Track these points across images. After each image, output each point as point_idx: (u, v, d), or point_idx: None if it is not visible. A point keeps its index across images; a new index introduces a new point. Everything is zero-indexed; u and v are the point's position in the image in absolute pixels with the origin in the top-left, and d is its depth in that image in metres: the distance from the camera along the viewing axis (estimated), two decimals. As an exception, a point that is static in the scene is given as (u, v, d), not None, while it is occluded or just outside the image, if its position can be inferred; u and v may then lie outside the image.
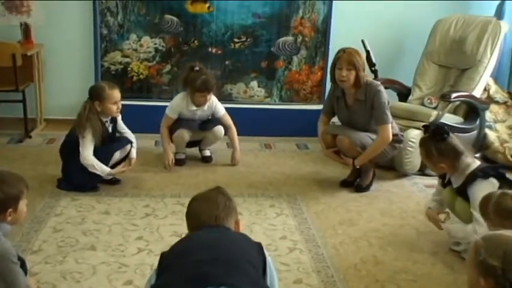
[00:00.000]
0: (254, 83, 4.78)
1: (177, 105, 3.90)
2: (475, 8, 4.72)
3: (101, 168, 3.37)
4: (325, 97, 4.72)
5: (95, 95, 3.37)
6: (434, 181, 3.79)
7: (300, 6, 4.67)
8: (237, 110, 4.56)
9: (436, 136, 2.73)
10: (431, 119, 3.92)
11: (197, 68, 3.85)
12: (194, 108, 3.89)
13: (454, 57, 4.36)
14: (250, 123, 4.61)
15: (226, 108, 4.04)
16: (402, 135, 3.71)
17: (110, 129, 3.47)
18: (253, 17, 4.65)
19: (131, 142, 3.55)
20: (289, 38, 4.72)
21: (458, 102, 4.14)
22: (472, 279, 1.59)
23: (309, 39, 4.74)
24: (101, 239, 2.83)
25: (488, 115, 4.28)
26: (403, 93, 4.52)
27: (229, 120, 4.02)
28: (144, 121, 4.21)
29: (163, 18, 4.57)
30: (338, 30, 4.67)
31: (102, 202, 3.28)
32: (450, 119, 4.01)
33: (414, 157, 3.88)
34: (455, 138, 2.76)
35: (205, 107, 3.92)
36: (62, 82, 4.67)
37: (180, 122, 3.90)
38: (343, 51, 3.48)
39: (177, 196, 3.39)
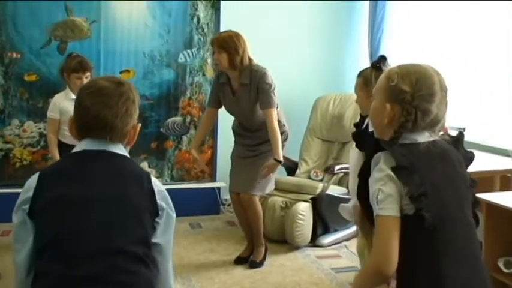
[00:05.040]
0: (145, 164, 4.75)
1: (55, 101, 3.66)
2: (349, 87, 5.08)
3: None
4: (216, 161, 4.82)
5: None
6: (326, 251, 3.95)
7: (188, 88, 4.79)
8: (128, 192, 4.49)
9: (379, 63, 2.81)
10: (318, 191, 4.09)
11: (75, 54, 3.72)
12: (73, 97, 3.57)
13: (334, 131, 4.64)
14: (142, 205, 4.53)
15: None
16: (285, 126, 3.72)
17: None
18: (141, 99, 4.67)
19: None
20: (178, 118, 4.80)
21: (341, 174, 4.37)
22: (377, 104, 1.62)
23: (197, 119, 4.83)
24: None
25: (369, 185, 4.53)
26: (291, 168, 4.69)
27: None
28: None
29: (48, 102, 4.47)
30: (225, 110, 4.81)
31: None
32: (335, 190, 4.20)
33: (305, 229, 3.99)
34: None
35: None
36: None
37: None
38: (218, 34, 3.57)
39: None
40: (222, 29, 3.60)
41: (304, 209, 4.01)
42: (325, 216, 4.08)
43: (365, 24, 5.09)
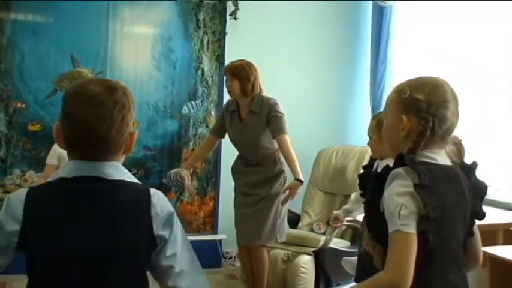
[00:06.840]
0: (146, 215, 4.71)
1: (54, 147, 3.59)
2: (352, 139, 5.11)
3: None
4: (218, 217, 4.78)
5: None
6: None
7: (191, 139, 4.81)
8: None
9: None
10: (321, 244, 4.03)
11: None
12: None
13: (337, 184, 4.62)
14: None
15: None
16: (285, 170, 3.68)
17: None
18: (144, 150, 4.70)
19: None
20: (181, 170, 4.78)
21: (344, 227, 4.32)
22: (391, 120, 1.58)
23: (200, 170, 4.83)
24: None
25: (373, 238, 4.47)
26: (293, 220, 4.64)
27: None
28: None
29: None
30: (228, 160, 4.81)
31: None
32: (338, 243, 4.15)
33: (307, 282, 3.91)
34: None
35: None
36: None
37: None
38: (230, 63, 3.66)
39: None
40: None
41: (306, 262, 3.94)
42: (327, 270, 4.00)
43: (367, 79, 5.15)
